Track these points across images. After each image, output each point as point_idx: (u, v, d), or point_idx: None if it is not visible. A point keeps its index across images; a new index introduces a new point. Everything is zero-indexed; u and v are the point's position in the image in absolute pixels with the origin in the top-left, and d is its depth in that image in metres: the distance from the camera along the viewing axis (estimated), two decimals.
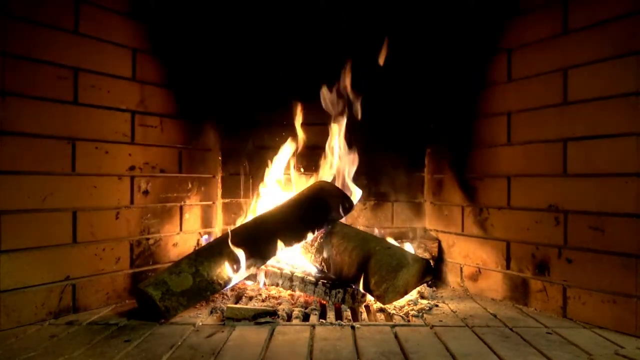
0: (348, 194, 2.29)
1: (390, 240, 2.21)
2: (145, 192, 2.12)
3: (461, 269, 2.33)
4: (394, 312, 1.89)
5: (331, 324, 1.71)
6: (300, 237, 2.11)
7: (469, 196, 2.29)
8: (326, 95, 2.42)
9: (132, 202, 2.05)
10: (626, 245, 1.64)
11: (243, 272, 1.96)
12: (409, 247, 2.31)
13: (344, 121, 2.41)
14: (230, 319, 1.75)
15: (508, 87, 2.09)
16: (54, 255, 1.76)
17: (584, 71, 1.79)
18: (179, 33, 2.30)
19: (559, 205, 1.86)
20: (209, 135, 2.54)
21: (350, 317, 1.80)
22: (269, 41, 2.60)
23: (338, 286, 1.99)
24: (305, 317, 1.82)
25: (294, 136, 2.53)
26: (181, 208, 2.32)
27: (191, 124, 2.38)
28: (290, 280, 2.10)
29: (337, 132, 2.43)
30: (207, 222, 2.50)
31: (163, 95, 2.21)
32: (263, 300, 2.01)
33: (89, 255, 1.87)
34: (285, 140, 2.54)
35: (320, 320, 1.76)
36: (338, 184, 2.36)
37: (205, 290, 1.85)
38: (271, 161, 2.55)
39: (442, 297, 2.14)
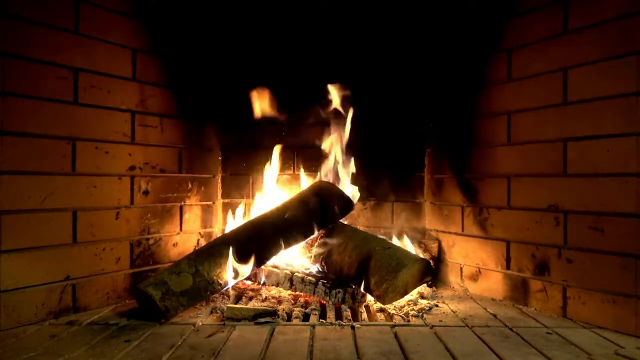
0: (348, 194, 2.29)
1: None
2: (145, 192, 2.12)
3: (461, 269, 2.33)
4: (394, 312, 1.89)
5: (331, 324, 1.72)
6: (300, 237, 2.11)
7: (469, 196, 2.29)
8: (328, 96, 2.42)
9: (132, 202, 2.05)
10: (626, 245, 1.64)
11: (243, 272, 1.96)
12: (409, 246, 2.31)
13: (344, 121, 2.41)
14: (230, 319, 1.75)
15: (508, 87, 2.09)
16: (54, 255, 1.76)
17: (584, 71, 1.79)
18: (179, 33, 2.30)
19: (559, 205, 1.86)
20: (209, 135, 2.54)
21: (350, 317, 1.81)
22: (269, 40, 2.60)
23: (338, 286, 1.99)
24: (305, 317, 1.82)
25: (295, 135, 2.53)
26: (181, 208, 2.32)
27: (191, 124, 2.38)
28: (290, 280, 2.10)
29: (337, 132, 2.43)
30: (207, 222, 2.50)
31: (163, 95, 2.21)
32: (263, 300, 2.01)
33: (89, 255, 1.87)
34: (286, 140, 2.54)
35: (320, 320, 1.76)
36: (338, 184, 2.36)
37: (205, 290, 1.85)
38: (271, 161, 2.55)
39: (442, 297, 2.15)
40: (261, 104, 2.54)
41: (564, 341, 1.56)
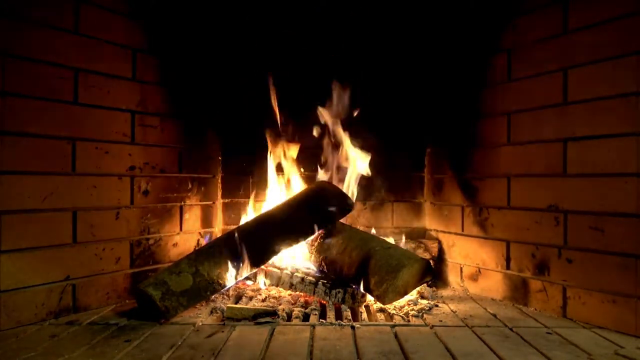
0: (348, 194, 2.29)
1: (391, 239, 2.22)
2: (145, 192, 2.12)
3: (461, 269, 2.33)
4: (394, 312, 1.89)
5: (331, 324, 1.71)
6: (300, 237, 2.11)
7: (469, 196, 2.29)
8: (328, 95, 2.42)
9: (132, 202, 2.05)
10: (626, 245, 1.64)
11: (243, 272, 1.96)
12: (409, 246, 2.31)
13: (344, 121, 2.42)
14: (230, 319, 1.75)
15: (508, 87, 2.09)
16: (54, 255, 1.76)
17: (584, 71, 1.79)
18: (179, 33, 2.30)
19: (559, 205, 1.86)
20: (209, 135, 2.54)
21: (350, 317, 1.80)
22: (269, 40, 2.60)
23: (338, 286, 1.99)
24: (305, 317, 1.82)
25: (295, 136, 2.53)
26: (181, 208, 2.32)
27: (191, 124, 2.38)
28: (290, 280, 2.10)
29: (337, 132, 2.43)
30: (207, 222, 2.50)
31: (163, 95, 2.21)
32: (263, 300, 2.01)
33: (89, 255, 1.87)
34: (286, 139, 2.55)
35: (320, 320, 1.76)
36: (337, 184, 2.36)
37: (205, 290, 1.85)
38: (271, 161, 2.55)
39: (442, 297, 2.14)
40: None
41: (564, 341, 1.56)
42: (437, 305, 1.98)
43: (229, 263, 1.91)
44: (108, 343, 1.51)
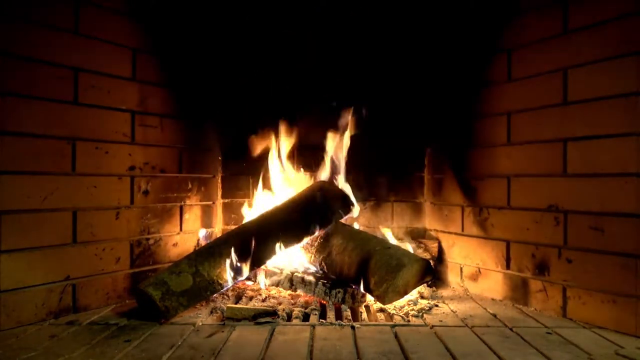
0: (348, 194, 2.29)
1: (390, 239, 2.22)
2: (145, 192, 2.12)
3: (461, 269, 2.33)
4: (394, 312, 1.89)
5: (331, 324, 1.72)
6: (300, 237, 2.11)
7: (468, 196, 2.29)
8: (329, 95, 2.42)
9: (132, 202, 2.05)
10: (626, 245, 1.64)
11: (243, 272, 1.96)
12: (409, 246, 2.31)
13: (344, 121, 2.42)
14: (230, 319, 1.75)
15: (508, 87, 2.09)
16: (54, 255, 1.76)
17: (584, 71, 1.79)
18: (179, 33, 2.30)
19: (559, 205, 1.86)
20: (209, 135, 2.54)
21: (350, 317, 1.80)
22: (269, 40, 2.60)
23: (338, 286, 1.99)
24: (305, 317, 1.82)
25: (295, 135, 2.53)
26: (181, 208, 2.32)
27: (191, 124, 2.38)
28: (290, 280, 2.10)
29: (338, 132, 2.43)
30: (207, 222, 2.50)
31: (163, 95, 2.21)
32: (263, 300, 2.01)
33: (89, 255, 1.87)
34: (286, 139, 2.54)
35: (320, 320, 1.76)
36: (337, 184, 2.36)
37: (205, 290, 1.85)
38: (271, 161, 2.55)
39: (442, 297, 2.14)
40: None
41: (564, 341, 1.56)
42: (437, 305, 1.98)
43: (229, 263, 1.91)
44: (108, 343, 1.51)
